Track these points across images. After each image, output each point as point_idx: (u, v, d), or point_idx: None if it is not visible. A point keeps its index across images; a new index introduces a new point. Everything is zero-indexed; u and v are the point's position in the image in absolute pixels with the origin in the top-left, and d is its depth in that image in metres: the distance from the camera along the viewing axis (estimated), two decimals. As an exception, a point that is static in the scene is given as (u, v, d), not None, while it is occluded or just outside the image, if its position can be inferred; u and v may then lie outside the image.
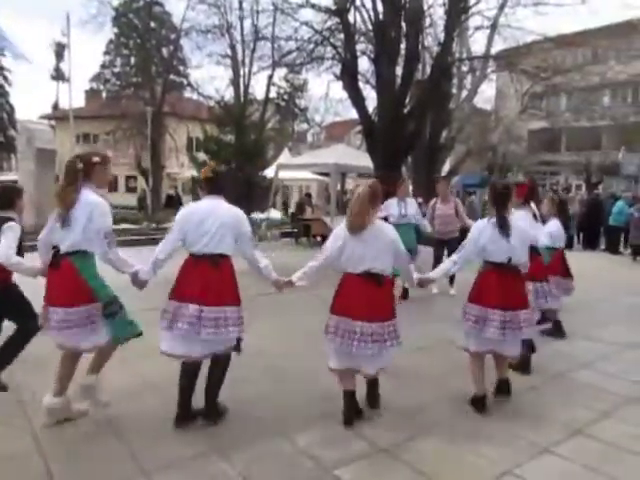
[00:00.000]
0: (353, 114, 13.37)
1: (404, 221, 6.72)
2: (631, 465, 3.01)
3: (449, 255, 6.33)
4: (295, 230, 15.18)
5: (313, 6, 11.36)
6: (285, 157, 19.52)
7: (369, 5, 11.07)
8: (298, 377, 4.20)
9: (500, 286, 3.58)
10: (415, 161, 16.90)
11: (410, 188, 7.86)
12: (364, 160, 12.87)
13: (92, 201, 3.20)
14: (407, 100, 11.74)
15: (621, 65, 19.70)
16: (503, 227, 3.58)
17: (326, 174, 18.41)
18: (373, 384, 3.65)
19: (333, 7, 11.16)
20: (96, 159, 3.31)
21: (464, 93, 17.94)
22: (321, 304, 3.79)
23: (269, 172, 16.74)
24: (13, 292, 3.81)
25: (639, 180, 22.41)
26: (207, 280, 3.21)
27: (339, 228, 3.44)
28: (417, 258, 6.66)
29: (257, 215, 14.63)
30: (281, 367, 4.15)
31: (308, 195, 19.06)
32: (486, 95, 23.70)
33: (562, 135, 30.41)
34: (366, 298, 3.27)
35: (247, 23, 21.70)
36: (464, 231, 5.60)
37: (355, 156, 15.27)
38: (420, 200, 10.50)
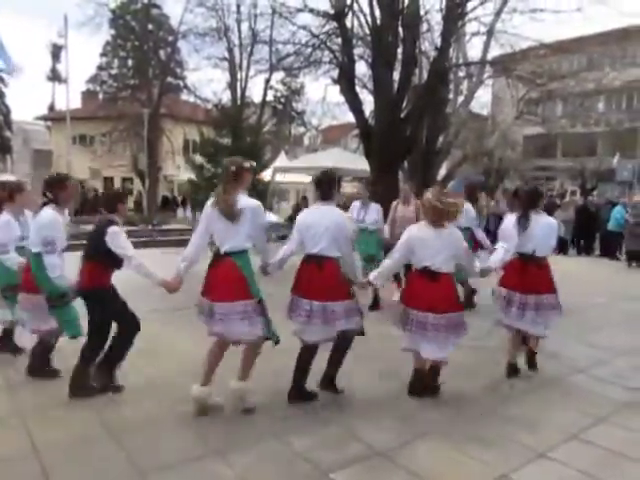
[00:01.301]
0: (350, 118, 13.43)
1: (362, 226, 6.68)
2: (627, 471, 3.03)
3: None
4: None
5: (311, 10, 11.40)
6: (282, 160, 19.55)
7: (367, 10, 11.13)
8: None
9: (523, 273, 4.29)
10: (411, 165, 16.92)
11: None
12: (361, 164, 12.91)
13: (251, 203, 3.49)
14: (404, 104, 11.78)
15: (616, 72, 19.86)
16: (526, 224, 4.27)
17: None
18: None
19: (331, 11, 11.21)
20: (247, 165, 3.59)
21: (460, 98, 17.98)
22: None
23: (266, 175, 16.74)
24: (113, 295, 3.87)
25: (633, 186, 22.53)
26: (314, 278, 3.66)
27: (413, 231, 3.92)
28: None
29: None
30: (278, 368, 4.14)
31: (305, 198, 19.08)
32: (482, 100, 23.74)
33: (558, 141, 30.60)
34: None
35: (245, 26, 21.78)
36: None
37: (352, 160, 15.31)
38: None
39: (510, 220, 4.43)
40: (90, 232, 3.93)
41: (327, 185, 3.85)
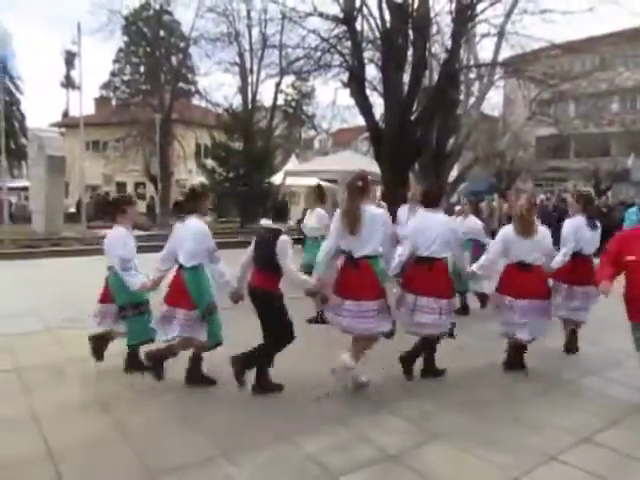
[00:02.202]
0: (360, 121, 13.42)
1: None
2: (639, 474, 3.00)
3: None
4: (302, 237, 15.17)
5: (321, 14, 11.43)
6: (292, 164, 19.61)
7: (376, 13, 11.14)
8: (306, 380, 4.20)
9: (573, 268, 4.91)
10: (422, 168, 16.88)
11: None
12: (371, 167, 12.89)
13: (377, 213, 3.94)
14: (414, 107, 11.77)
15: (629, 72, 19.64)
16: (594, 225, 5.04)
17: (333, 181, 18.47)
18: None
19: (340, 15, 11.24)
20: (370, 177, 4.07)
21: (471, 100, 17.91)
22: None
23: (277, 179, 16.80)
24: (280, 300, 3.97)
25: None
26: (425, 277, 4.17)
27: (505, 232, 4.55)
28: None
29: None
30: (289, 370, 4.15)
31: (315, 202, 19.07)
32: (494, 101, 23.59)
33: (570, 141, 30.27)
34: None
35: (255, 31, 21.95)
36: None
37: (362, 163, 15.28)
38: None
39: (572, 224, 4.96)
40: (260, 240, 3.96)
41: (436, 195, 4.45)
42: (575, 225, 5.00)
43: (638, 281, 3.76)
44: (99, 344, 4.40)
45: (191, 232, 3.92)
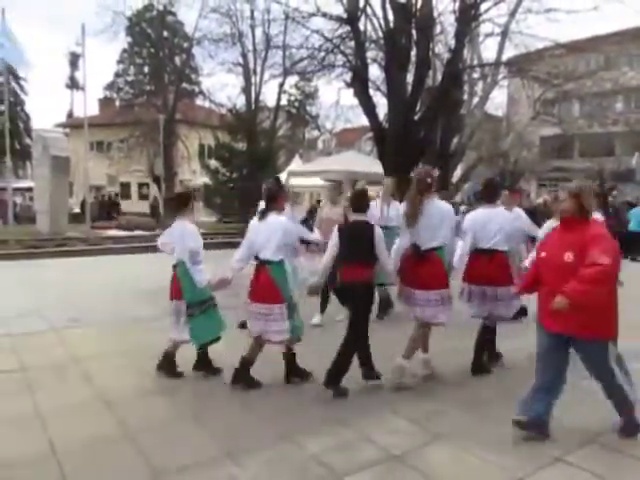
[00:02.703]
0: (364, 121, 13.43)
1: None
2: (645, 474, 2.98)
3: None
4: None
5: (324, 15, 11.44)
6: (296, 164, 19.60)
7: (380, 13, 11.14)
8: (309, 380, 4.21)
9: None
10: (426, 168, 16.86)
11: None
12: (375, 167, 12.87)
13: (443, 206, 4.14)
14: (418, 107, 11.76)
15: (633, 71, 19.57)
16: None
17: (337, 181, 18.44)
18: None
19: (344, 15, 11.24)
20: (436, 174, 4.20)
21: (475, 99, 17.88)
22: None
23: (280, 179, 16.78)
24: (373, 293, 4.16)
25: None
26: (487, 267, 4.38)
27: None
28: None
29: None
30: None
31: (319, 202, 19.10)
32: (497, 101, 23.55)
33: (575, 141, 30.17)
34: None
35: (258, 32, 21.93)
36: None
37: (366, 163, 15.27)
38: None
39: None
40: (354, 234, 4.03)
41: (493, 190, 4.61)
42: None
43: (544, 280, 3.33)
44: (169, 360, 4.30)
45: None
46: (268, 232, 4.01)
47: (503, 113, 25.25)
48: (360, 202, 4.12)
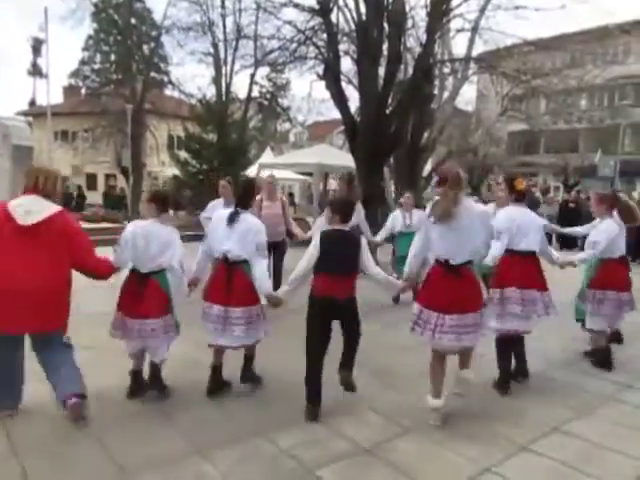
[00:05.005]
0: (336, 114, 13.42)
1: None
2: (609, 461, 3.07)
3: (275, 262, 6.24)
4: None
5: (296, 5, 11.37)
6: (267, 156, 19.49)
7: (352, 5, 11.14)
8: (279, 376, 4.18)
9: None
10: (397, 162, 16.99)
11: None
12: (346, 160, 12.91)
13: (476, 209, 3.59)
14: (389, 101, 11.81)
15: (597, 69, 20.12)
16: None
17: (309, 174, 18.42)
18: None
19: (316, 7, 11.18)
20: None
21: (445, 94, 18.10)
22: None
23: (251, 171, 16.66)
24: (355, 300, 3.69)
25: (614, 182, 22.85)
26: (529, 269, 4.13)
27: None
28: None
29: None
30: (261, 367, 4.12)
31: (290, 195, 19.04)
32: (467, 97, 23.92)
33: (541, 137, 30.90)
34: None
35: (229, 21, 21.68)
36: None
37: (337, 156, 15.31)
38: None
39: (606, 227, 4.69)
40: (337, 242, 3.55)
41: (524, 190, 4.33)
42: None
43: None
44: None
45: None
46: (242, 232, 3.73)
47: (473, 108, 25.63)
48: (350, 213, 3.65)
